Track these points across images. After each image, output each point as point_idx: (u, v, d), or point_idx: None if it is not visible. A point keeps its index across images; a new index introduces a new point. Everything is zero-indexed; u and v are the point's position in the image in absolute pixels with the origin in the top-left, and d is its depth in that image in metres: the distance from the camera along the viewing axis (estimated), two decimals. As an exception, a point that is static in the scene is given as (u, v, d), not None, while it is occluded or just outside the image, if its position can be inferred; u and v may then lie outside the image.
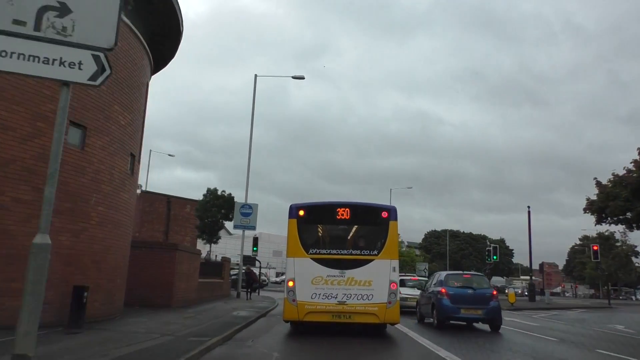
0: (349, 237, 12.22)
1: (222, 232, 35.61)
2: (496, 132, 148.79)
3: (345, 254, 11.42)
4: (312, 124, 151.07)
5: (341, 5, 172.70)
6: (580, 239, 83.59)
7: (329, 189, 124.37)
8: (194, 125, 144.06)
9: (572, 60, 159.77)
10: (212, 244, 33.46)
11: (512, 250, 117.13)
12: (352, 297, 10.93)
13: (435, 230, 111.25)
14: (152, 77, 15.91)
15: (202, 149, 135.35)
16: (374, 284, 11.03)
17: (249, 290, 27.83)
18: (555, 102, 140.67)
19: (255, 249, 31.55)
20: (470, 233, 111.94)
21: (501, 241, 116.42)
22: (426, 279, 24.54)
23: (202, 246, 37.41)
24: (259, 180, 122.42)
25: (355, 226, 12.26)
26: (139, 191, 33.69)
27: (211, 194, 32.02)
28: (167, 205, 35.17)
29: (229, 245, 73.30)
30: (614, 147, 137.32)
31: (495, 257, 35.94)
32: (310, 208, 11.99)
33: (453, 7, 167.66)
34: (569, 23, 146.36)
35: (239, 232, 27.58)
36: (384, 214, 11.77)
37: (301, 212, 11.65)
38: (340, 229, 12.39)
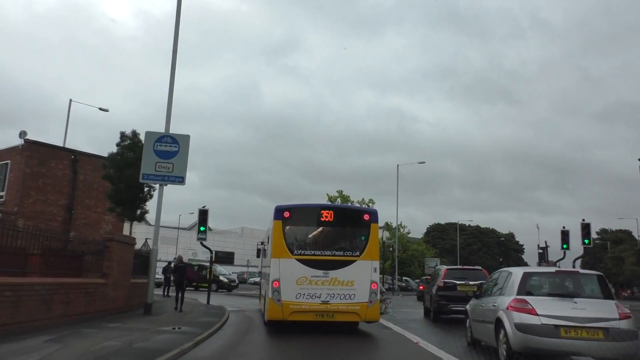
0: (332, 239, 12.44)
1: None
2: (473, 130, 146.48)
3: (329, 255, 11.62)
4: (288, 123, 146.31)
5: (307, 1, 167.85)
6: (598, 233, 75.52)
7: (311, 188, 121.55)
8: (169, 124, 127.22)
9: (541, 56, 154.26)
10: (137, 224, 21.66)
11: (523, 246, 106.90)
12: (335, 296, 11.15)
13: (439, 224, 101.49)
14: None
15: None
16: (356, 284, 11.28)
17: (179, 295, 17.58)
18: (529, 100, 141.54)
19: (202, 228, 19.88)
20: (478, 226, 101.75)
21: (510, 235, 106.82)
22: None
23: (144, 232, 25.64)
24: (240, 180, 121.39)
25: (339, 228, 12.45)
26: (21, 140, 21.83)
27: (129, 141, 20.02)
28: (71, 165, 23.23)
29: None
30: (590, 145, 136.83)
31: (565, 246, 24.13)
32: (295, 210, 12.07)
33: (419, 3, 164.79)
34: (535, 19, 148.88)
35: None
36: (366, 217, 12.10)
37: (286, 214, 11.72)
38: (324, 231, 12.48)
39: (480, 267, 17.35)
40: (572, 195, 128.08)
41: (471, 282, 14.68)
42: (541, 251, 30.77)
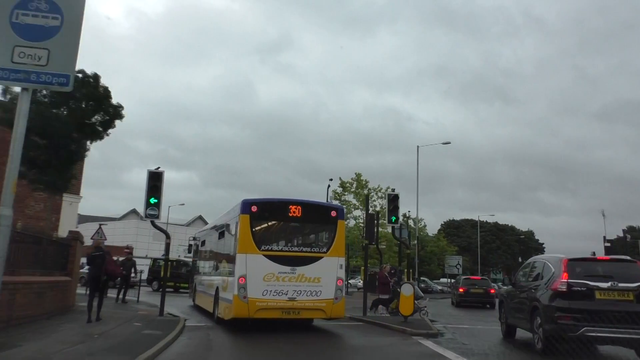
0: (299, 235, 12.49)
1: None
2: (471, 130, 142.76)
3: (297, 251, 11.54)
4: (285, 122, 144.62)
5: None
6: (625, 230, 70.84)
7: (311, 188, 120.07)
8: (166, 124, 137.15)
9: (537, 55, 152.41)
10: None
11: (543, 244, 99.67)
12: (302, 293, 10.96)
13: (453, 220, 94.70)
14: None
15: (178, 148, 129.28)
16: (323, 281, 11.16)
17: (96, 298, 11.88)
18: (526, 99, 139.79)
19: (154, 200, 13.64)
20: (496, 223, 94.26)
21: (530, 233, 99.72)
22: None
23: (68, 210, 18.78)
24: (240, 180, 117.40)
25: (306, 224, 12.35)
26: None
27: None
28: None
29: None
30: (591, 144, 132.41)
31: None
32: (263, 204, 11.79)
33: (411, 0, 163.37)
34: (529, 17, 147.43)
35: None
36: (333, 213, 11.97)
37: (254, 208, 11.39)
38: (292, 227, 12.41)
39: (629, 258, 9.95)
40: (574, 195, 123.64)
41: (621, 285, 7.72)
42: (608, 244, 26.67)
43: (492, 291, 24.59)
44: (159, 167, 14.06)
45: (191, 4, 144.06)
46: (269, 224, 12.13)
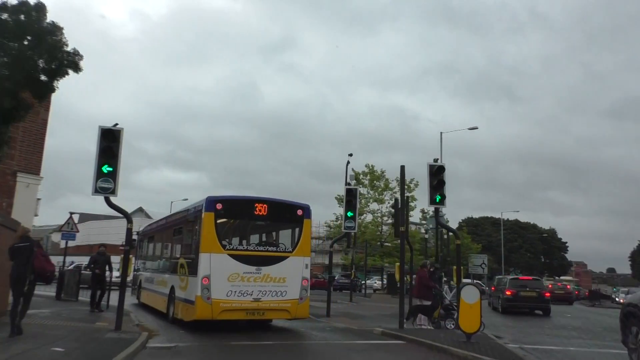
0: (265, 234, 12.26)
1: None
2: (479, 129, 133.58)
3: (262, 251, 11.17)
4: (291, 122, 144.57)
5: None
6: None
7: (320, 188, 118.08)
8: (173, 125, 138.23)
9: (543, 52, 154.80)
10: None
11: (566, 243, 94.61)
12: (267, 294, 10.69)
13: (471, 218, 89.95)
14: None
15: (186, 149, 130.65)
16: (288, 281, 10.90)
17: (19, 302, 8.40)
18: (533, 97, 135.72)
19: (107, 169, 9.59)
20: (517, 221, 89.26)
21: (552, 231, 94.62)
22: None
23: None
24: (250, 181, 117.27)
25: (272, 223, 11.99)
26: None
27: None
28: None
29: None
30: (601, 142, 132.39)
31: None
32: (228, 202, 11.34)
33: None
34: (534, 13, 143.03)
35: None
36: (299, 212, 11.62)
37: (218, 206, 10.86)
38: (257, 225, 12.18)
39: None
40: (586, 194, 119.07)
41: None
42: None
43: (547, 295, 20.39)
44: (116, 124, 10.09)
45: (194, 6, 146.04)
46: (234, 222, 11.85)
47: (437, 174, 12.32)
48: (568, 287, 38.31)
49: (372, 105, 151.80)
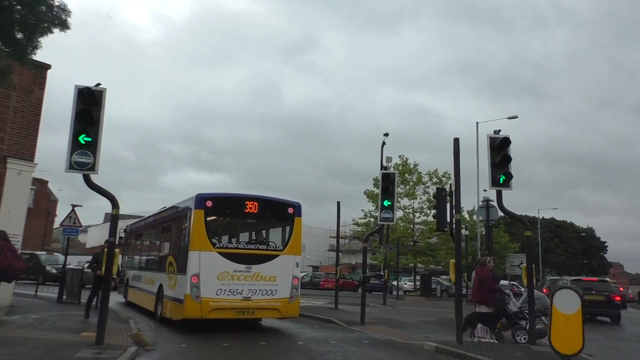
0: (256, 232, 12.02)
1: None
2: (504, 126, 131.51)
3: (253, 249, 11.02)
4: (312, 122, 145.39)
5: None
6: None
7: (343, 189, 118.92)
8: (196, 127, 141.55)
9: (568, 48, 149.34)
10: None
11: (605, 243, 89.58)
12: (257, 292, 10.59)
13: (502, 216, 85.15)
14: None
15: (210, 150, 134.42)
16: (278, 280, 10.81)
17: None
18: (560, 93, 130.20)
19: (86, 138, 7.04)
20: (553, 219, 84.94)
21: (590, 230, 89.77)
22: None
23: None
24: (272, 181, 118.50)
25: (263, 221, 11.90)
26: None
27: None
28: None
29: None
30: (633, 139, 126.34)
31: None
32: (219, 199, 11.13)
33: None
34: (559, 8, 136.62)
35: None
36: (290, 210, 11.51)
37: (209, 203, 10.69)
38: (248, 223, 12.08)
39: None
40: (618, 193, 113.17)
41: None
42: None
43: (618, 298, 17.57)
44: (99, 84, 7.98)
45: (214, 9, 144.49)
46: (225, 220, 11.81)
47: (500, 148, 9.85)
48: (622, 289, 34.92)
49: (393, 104, 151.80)
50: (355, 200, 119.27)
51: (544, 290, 24.09)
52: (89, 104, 7.82)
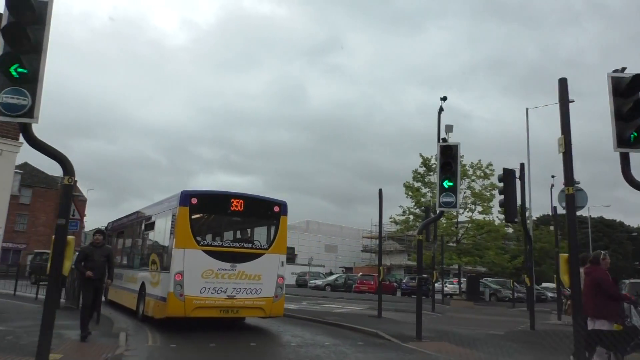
0: (241, 230, 11.84)
1: None
2: (537, 125, 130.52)
3: (238, 247, 10.86)
4: (340, 124, 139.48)
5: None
6: None
7: (373, 190, 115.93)
8: (225, 130, 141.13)
9: (602, 42, 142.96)
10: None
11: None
12: (241, 291, 10.45)
13: (547, 215, 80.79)
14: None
15: (239, 153, 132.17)
16: (263, 278, 10.70)
17: None
18: (594, 90, 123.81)
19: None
20: (602, 218, 79.65)
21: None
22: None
23: None
24: (302, 184, 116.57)
25: (248, 219, 11.72)
26: None
27: None
28: None
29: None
30: None
31: None
32: (204, 197, 11.03)
33: None
34: (591, 2, 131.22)
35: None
36: (276, 209, 11.40)
37: (194, 200, 10.55)
38: (233, 221, 11.90)
39: None
40: None
41: None
42: None
43: None
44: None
45: (240, 13, 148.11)
46: (209, 217, 11.61)
47: (629, 91, 6.80)
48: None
49: (421, 104, 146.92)
50: (386, 201, 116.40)
51: (625, 295, 20.47)
52: (26, 20, 5.24)
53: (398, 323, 12.94)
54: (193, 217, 10.42)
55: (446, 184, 10.16)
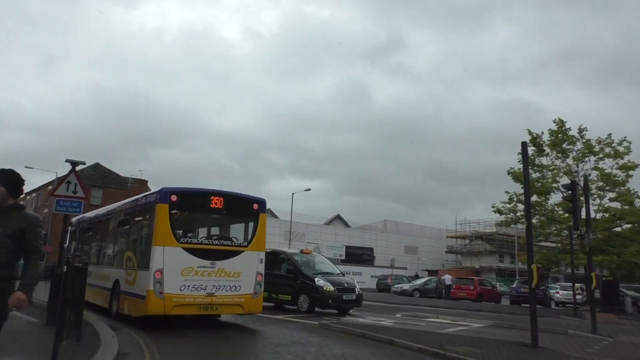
0: (221, 227, 12.20)
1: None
2: (620, 117, 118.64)
3: (217, 244, 10.86)
4: (406, 124, 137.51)
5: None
6: None
7: (443, 191, 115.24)
8: (293, 135, 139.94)
9: None
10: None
11: None
12: (221, 288, 10.45)
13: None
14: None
15: (307, 158, 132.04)
16: (242, 276, 10.74)
17: None
18: None
19: None
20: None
21: None
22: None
23: None
24: (372, 186, 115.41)
25: (228, 216, 11.81)
26: None
27: None
28: None
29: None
30: None
31: None
32: (184, 194, 10.92)
33: None
34: None
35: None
36: (255, 206, 11.44)
37: (173, 197, 10.49)
38: (213, 218, 12.12)
39: None
40: None
41: None
42: None
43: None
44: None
45: (301, 20, 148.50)
46: (189, 215, 11.64)
47: None
48: None
49: (490, 101, 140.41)
50: (458, 201, 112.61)
51: None
52: None
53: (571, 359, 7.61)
54: (173, 214, 10.27)
55: None
